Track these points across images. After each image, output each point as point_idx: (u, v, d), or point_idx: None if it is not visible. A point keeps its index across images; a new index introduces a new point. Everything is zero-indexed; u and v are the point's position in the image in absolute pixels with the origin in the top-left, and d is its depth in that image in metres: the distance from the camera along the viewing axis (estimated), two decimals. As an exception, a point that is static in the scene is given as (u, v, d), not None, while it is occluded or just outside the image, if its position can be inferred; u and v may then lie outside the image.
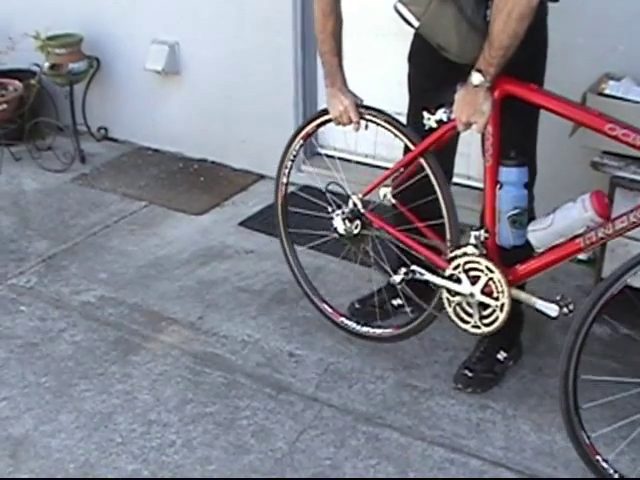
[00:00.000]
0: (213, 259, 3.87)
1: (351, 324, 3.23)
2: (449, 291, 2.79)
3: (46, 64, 4.70)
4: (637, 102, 3.04)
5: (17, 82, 4.87)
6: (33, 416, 2.90)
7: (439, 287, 2.82)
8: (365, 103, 2.93)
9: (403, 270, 2.87)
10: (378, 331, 3.16)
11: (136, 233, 4.11)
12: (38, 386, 3.04)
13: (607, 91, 3.11)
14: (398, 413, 2.91)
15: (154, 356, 3.20)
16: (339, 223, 3.07)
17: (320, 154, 3.53)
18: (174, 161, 4.84)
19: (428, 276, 2.82)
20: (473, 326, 2.78)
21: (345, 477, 2.66)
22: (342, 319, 3.26)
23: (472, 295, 2.73)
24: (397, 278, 2.90)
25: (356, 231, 3.06)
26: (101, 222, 4.19)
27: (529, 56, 2.51)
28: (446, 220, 2.81)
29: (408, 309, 3.19)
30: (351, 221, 3.06)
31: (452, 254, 2.78)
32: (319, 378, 3.08)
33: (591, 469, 2.52)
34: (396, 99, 2.98)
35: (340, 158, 3.17)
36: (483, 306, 2.73)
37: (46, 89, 4.98)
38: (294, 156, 3.19)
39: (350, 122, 2.95)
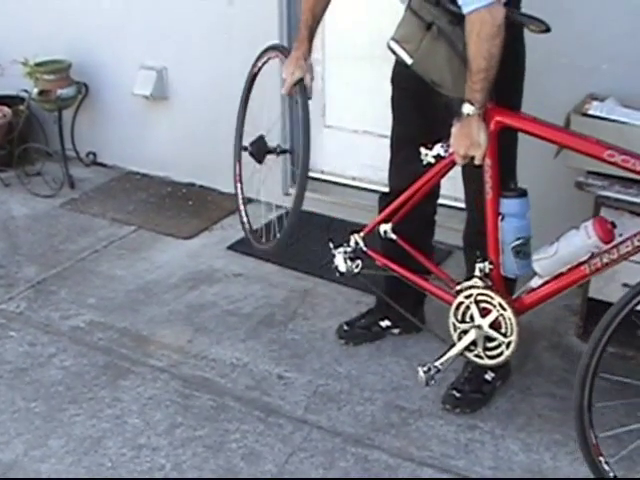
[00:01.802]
0: (202, 283, 3.87)
1: None
2: (456, 317, 2.80)
3: (35, 90, 4.71)
4: (621, 122, 3.06)
5: (6, 108, 4.88)
6: (23, 441, 2.90)
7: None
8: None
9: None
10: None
11: (125, 257, 4.11)
12: (28, 411, 3.04)
13: (591, 111, 3.13)
14: (387, 434, 2.91)
15: (143, 380, 3.19)
16: (340, 262, 3.08)
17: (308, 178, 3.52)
18: (163, 185, 4.84)
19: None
20: (475, 355, 2.80)
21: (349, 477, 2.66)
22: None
23: (480, 327, 2.74)
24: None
25: (357, 270, 3.07)
26: (90, 247, 4.20)
27: (505, 75, 2.51)
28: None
29: (396, 331, 3.19)
30: (352, 260, 3.07)
31: (459, 287, 2.78)
32: (308, 400, 3.08)
33: (592, 469, 2.52)
34: (383, 121, 3.00)
35: (327, 181, 3.18)
36: (489, 339, 2.75)
37: (35, 115, 4.99)
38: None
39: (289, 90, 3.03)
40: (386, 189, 3.18)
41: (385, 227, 2.99)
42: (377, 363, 3.21)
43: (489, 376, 3.04)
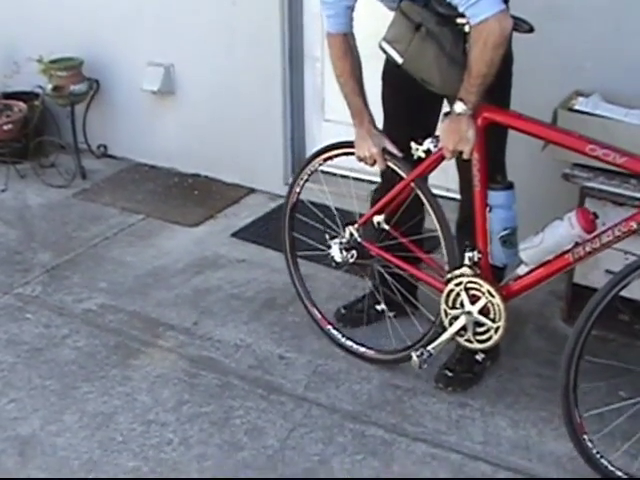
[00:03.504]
0: (207, 268, 3.88)
1: (336, 334, 3.24)
2: (447, 304, 2.81)
3: (49, 86, 4.71)
4: (605, 117, 3.08)
5: (22, 103, 4.89)
6: (39, 417, 2.92)
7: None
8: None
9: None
10: (361, 349, 3.17)
11: (134, 244, 4.13)
12: (43, 388, 3.06)
13: (577, 107, 3.15)
14: (383, 411, 2.94)
15: (152, 360, 3.22)
16: (336, 252, 3.09)
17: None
18: (169, 176, 4.85)
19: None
20: (466, 340, 2.81)
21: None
22: (329, 327, 3.28)
23: (470, 313, 2.76)
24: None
25: (352, 260, 3.08)
26: (101, 234, 4.21)
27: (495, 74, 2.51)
28: (442, 243, 2.84)
29: (391, 314, 3.21)
30: (347, 250, 3.08)
31: (449, 275, 2.80)
32: (308, 379, 3.10)
33: (576, 445, 2.55)
34: (378, 115, 3.01)
35: (324, 172, 3.19)
36: (479, 324, 2.76)
37: (49, 110, 4.99)
38: (312, 172, 3.14)
39: (374, 164, 2.94)
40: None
41: (378, 218, 2.99)
42: (373, 344, 3.20)
43: (479, 357, 3.06)
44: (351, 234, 3.08)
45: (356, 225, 3.08)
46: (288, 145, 4.48)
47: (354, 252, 3.08)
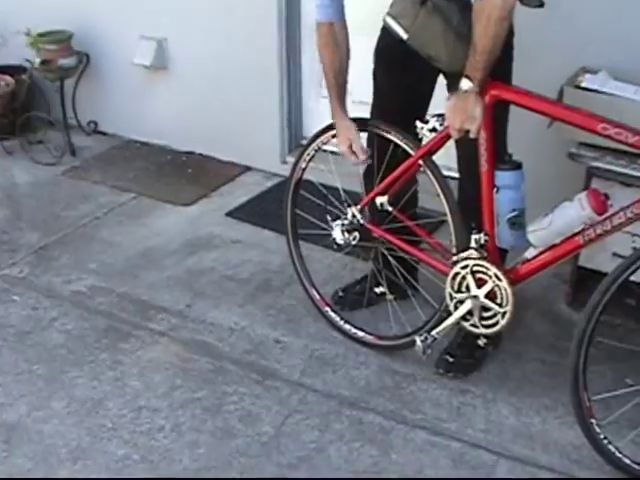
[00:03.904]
0: (201, 249, 3.84)
1: (334, 317, 3.22)
2: (452, 287, 2.77)
3: (37, 60, 4.63)
4: (613, 95, 3.02)
5: (9, 78, 4.83)
6: (26, 402, 2.87)
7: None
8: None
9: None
10: (359, 333, 3.14)
11: (125, 224, 4.08)
12: (31, 373, 3.01)
13: (583, 84, 3.09)
14: (381, 398, 2.90)
15: (143, 344, 3.17)
16: (338, 234, 3.05)
17: (303, 145, 3.48)
18: (162, 154, 4.80)
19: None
20: (471, 324, 2.77)
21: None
22: (327, 309, 3.24)
23: (476, 297, 2.72)
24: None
25: (354, 242, 3.04)
26: (91, 213, 4.16)
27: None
28: (450, 224, 2.79)
29: (390, 297, 3.16)
30: (350, 232, 3.03)
31: (455, 258, 2.75)
32: (304, 364, 3.07)
33: (584, 430, 2.53)
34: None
35: (324, 150, 3.13)
36: (485, 309, 2.72)
37: (37, 84, 4.93)
38: (319, 147, 3.10)
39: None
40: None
41: (381, 199, 2.95)
42: (372, 328, 3.17)
43: (481, 342, 3.02)
44: (353, 215, 3.03)
45: (359, 206, 3.03)
46: (285, 122, 4.44)
47: (356, 234, 3.03)
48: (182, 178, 4.53)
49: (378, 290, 3.29)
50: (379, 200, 2.95)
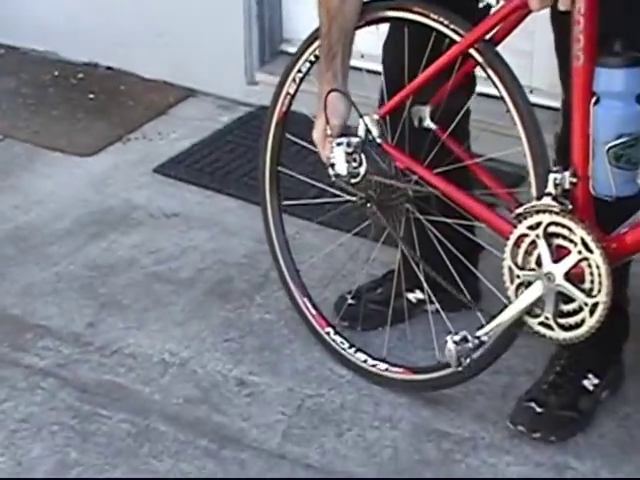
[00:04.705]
0: (111, 228, 3.90)
1: (339, 342, 3.20)
2: (514, 259, 2.70)
3: None
4: None
5: None
6: None
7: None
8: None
9: None
10: (380, 366, 3.14)
11: (-18, 186, 4.08)
12: None
13: None
14: (419, 480, 2.85)
15: (13, 390, 3.12)
16: (340, 159, 2.96)
17: (285, 53, 3.39)
18: (45, 66, 4.99)
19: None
20: (541, 323, 2.69)
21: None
22: (328, 330, 3.21)
23: (551, 277, 2.62)
24: None
25: (362, 174, 2.96)
26: None
27: None
28: (526, 150, 2.72)
29: (432, 307, 3.12)
30: (358, 161, 2.96)
31: (520, 209, 2.68)
32: (288, 421, 3.03)
33: None
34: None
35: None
36: (565, 298, 2.62)
37: None
38: (316, 59, 3.09)
39: None
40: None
41: (421, 109, 2.95)
42: (401, 356, 3.20)
43: (590, 382, 2.98)
44: (367, 130, 2.95)
45: (376, 115, 2.97)
46: (254, 21, 4.49)
47: (366, 164, 2.97)
48: (79, 109, 4.67)
49: (412, 296, 3.27)
50: (417, 111, 2.97)
